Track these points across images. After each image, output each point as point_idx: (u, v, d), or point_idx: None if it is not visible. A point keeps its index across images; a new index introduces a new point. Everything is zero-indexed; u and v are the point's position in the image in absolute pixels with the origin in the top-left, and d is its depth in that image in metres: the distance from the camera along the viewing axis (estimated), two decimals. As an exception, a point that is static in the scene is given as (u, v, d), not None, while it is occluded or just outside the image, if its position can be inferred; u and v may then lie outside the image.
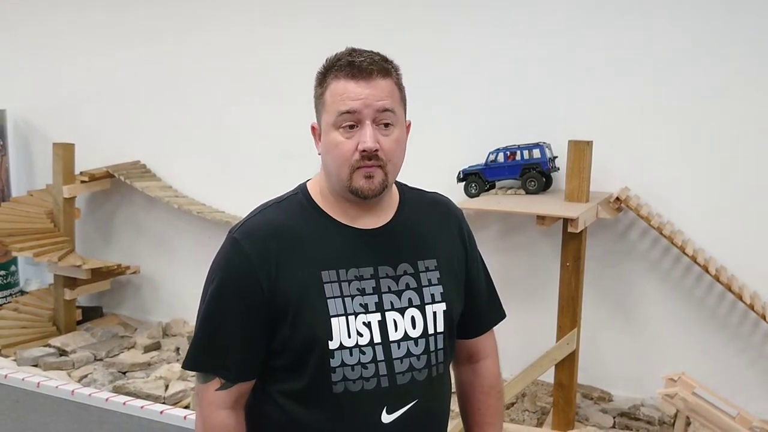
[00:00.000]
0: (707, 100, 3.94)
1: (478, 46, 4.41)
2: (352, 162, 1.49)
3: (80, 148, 5.33)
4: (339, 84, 1.49)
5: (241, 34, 5.10)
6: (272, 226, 1.55)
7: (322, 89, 1.53)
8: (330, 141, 1.51)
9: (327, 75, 1.52)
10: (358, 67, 1.48)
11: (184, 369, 1.61)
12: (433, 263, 1.60)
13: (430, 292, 1.58)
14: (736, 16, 3.84)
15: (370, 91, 1.47)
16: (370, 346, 1.51)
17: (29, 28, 5.90)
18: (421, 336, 1.56)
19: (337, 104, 1.48)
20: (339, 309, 1.50)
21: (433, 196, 1.74)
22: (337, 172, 1.52)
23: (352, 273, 1.53)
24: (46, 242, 5.14)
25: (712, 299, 4.05)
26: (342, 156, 1.49)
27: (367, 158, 1.48)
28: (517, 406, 4.11)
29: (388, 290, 1.55)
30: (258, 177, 5.03)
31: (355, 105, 1.47)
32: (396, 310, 1.54)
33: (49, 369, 4.65)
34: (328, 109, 1.51)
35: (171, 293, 5.51)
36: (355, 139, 1.48)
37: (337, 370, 1.49)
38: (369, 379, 1.51)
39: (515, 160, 4.13)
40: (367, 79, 1.48)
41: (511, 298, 4.47)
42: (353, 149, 1.48)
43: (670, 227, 3.92)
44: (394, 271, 1.56)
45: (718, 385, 3.73)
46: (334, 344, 1.49)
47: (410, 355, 1.54)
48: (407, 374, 1.54)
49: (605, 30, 4.11)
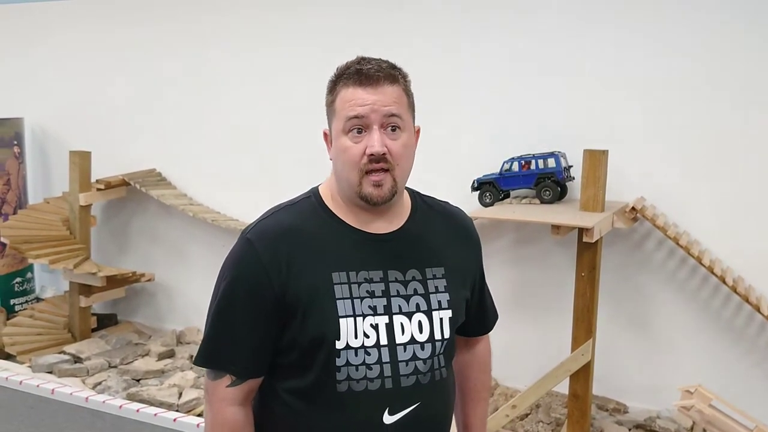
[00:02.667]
0: (724, 110, 3.92)
1: (493, 56, 4.41)
2: (360, 166, 1.53)
3: (96, 156, 5.37)
4: (348, 91, 1.54)
5: (257, 42, 5.12)
6: (284, 228, 1.58)
7: (332, 96, 1.57)
8: (339, 146, 1.55)
9: (337, 83, 1.57)
10: (365, 74, 1.52)
11: (195, 365, 1.64)
12: (440, 271, 1.63)
13: (437, 298, 1.61)
14: (753, 25, 3.82)
15: (377, 97, 1.52)
16: (376, 348, 1.54)
17: (46, 38, 5.96)
18: (428, 341, 1.58)
19: (345, 110, 1.53)
20: (348, 310, 1.53)
21: (446, 206, 1.77)
22: (347, 176, 1.55)
23: (362, 276, 1.56)
24: (62, 249, 5.18)
25: (729, 310, 4.01)
26: (351, 160, 1.53)
27: (375, 161, 1.52)
28: (531, 417, 4.08)
29: (396, 294, 1.57)
30: (272, 185, 5.04)
31: (363, 110, 1.51)
32: (404, 314, 1.57)
33: (63, 376, 4.67)
34: (338, 116, 1.55)
35: (185, 301, 5.53)
36: (363, 144, 1.52)
37: (342, 369, 1.52)
38: (373, 379, 1.53)
39: (530, 170, 4.11)
40: (375, 86, 1.52)
41: (526, 307, 4.48)
42: (361, 153, 1.52)
43: (686, 237, 3.89)
44: (403, 276, 1.59)
45: (735, 398, 3.68)
46: (341, 344, 1.52)
47: (416, 358, 1.57)
48: (411, 377, 1.56)
49: (621, 40, 4.09)
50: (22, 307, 5.68)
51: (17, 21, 6.09)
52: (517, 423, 3.99)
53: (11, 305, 5.66)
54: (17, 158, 5.77)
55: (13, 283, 5.71)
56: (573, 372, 3.70)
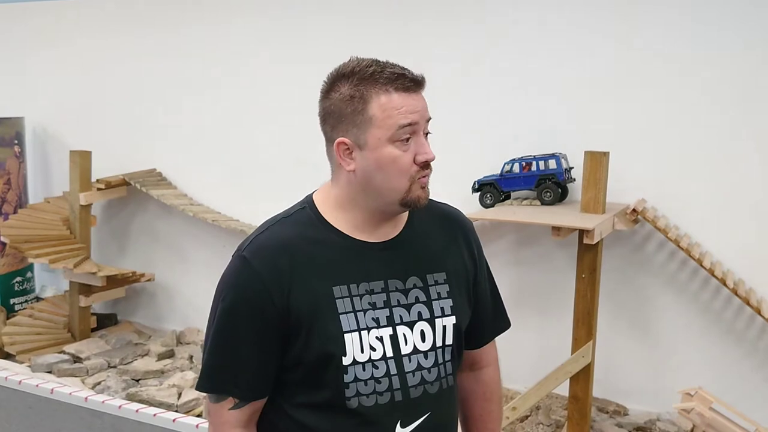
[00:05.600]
0: (725, 112, 3.91)
1: (494, 57, 4.40)
2: (412, 173, 1.49)
3: (97, 156, 5.37)
4: (391, 97, 1.46)
5: (256, 44, 5.12)
6: (281, 243, 1.52)
7: (362, 104, 1.47)
8: (385, 156, 1.48)
9: (367, 88, 1.47)
10: (410, 79, 1.48)
11: (197, 390, 1.59)
12: (442, 276, 1.59)
13: (439, 305, 1.57)
14: (755, 24, 3.81)
15: (422, 103, 1.50)
16: (383, 361, 1.50)
17: (47, 38, 5.96)
18: (431, 349, 1.55)
19: (394, 118, 1.46)
20: (352, 325, 1.49)
21: (443, 208, 1.72)
22: (394, 186, 1.49)
23: (363, 287, 1.52)
24: (62, 249, 5.18)
25: (730, 313, 4.00)
26: (402, 170, 1.48)
27: (426, 168, 1.50)
28: (531, 419, 4.07)
29: (397, 304, 1.53)
30: (272, 185, 5.04)
31: (415, 117, 1.47)
32: (405, 324, 1.53)
33: (63, 375, 4.66)
34: (381, 124, 1.47)
35: (185, 301, 5.53)
36: (411, 152, 1.49)
37: (351, 385, 1.48)
38: (383, 393, 1.50)
39: (531, 171, 4.11)
40: (417, 91, 1.49)
41: (526, 309, 4.47)
42: (411, 161, 1.48)
43: (687, 240, 3.88)
44: (404, 285, 1.55)
45: (736, 400, 3.68)
46: (347, 360, 1.48)
47: (421, 368, 1.53)
48: (419, 387, 1.53)
49: (621, 41, 4.09)
50: (22, 307, 5.68)
51: (18, 21, 6.08)
52: (517, 425, 3.98)
53: (11, 305, 5.65)
54: (18, 157, 5.76)
55: (13, 282, 5.71)
56: (573, 374, 3.69)
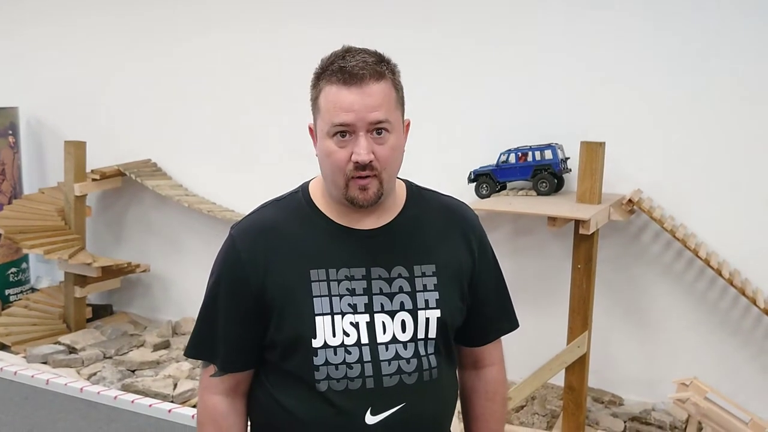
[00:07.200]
0: (721, 102, 3.90)
1: (489, 46, 4.38)
2: (346, 171, 1.47)
3: (92, 146, 5.35)
4: (331, 90, 1.45)
5: (254, 34, 5.09)
6: (265, 224, 1.57)
7: (316, 92, 1.50)
8: (324, 148, 1.49)
9: (320, 78, 1.49)
10: (349, 72, 1.43)
11: (184, 355, 1.69)
12: (431, 268, 1.57)
13: (424, 297, 1.55)
14: (752, 17, 3.80)
15: (363, 101, 1.43)
16: (357, 347, 1.51)
17: (42, 26, 5.92)
18: (410, 340, 1.54)
19: (330, 114, 1.45)
20: (325, 308, 1.51)
21: (446, 200, 1.70)
22: (332, 179, 1.51)
23: (343, 273, 1.53)
24: (57, 240, 5.16)
25: (725, 303, 4.01)
26: (336, 165, 1.48)
27: (361, 169, 1.46)
28: (526, 410, 4.08)
29: (379, 292, 1.53)
30: (268, 175, 5.01)
31: (348, 118, 1.44)
32: (386, 313, 1.53)
33: (58, 366, 4.66)
34: (322, 116, 1.48)
35: (181, 292, 5.52)
36: (349, 149, 1.46)
37: (321, 368, 1.50)
38: (354, 379, 1.50)
39: (527, 161, 4.10)
40: (360, 85, 1.43)
41: (522, 299, 4.44)
42: (347, 159, 1.46)
43: (683, 230, 3.88)
44: (388, 273, 1.54)
45: (731, 391, 3.69)
46: (317, 342, 1.50)
47: (399, 357, 1.53)
48: (395, 377, 1.52)
49: (618, 30, 4.07)
50: (17, 298, 5.66)
51: (11, 9, 6.04)
52: (512, 415, 3.99)
53: (6, 295, 5.64)
54: (12, 148, 5.74)
55: (8, 273, 5.69)
56: (569, 364, 3.70)
